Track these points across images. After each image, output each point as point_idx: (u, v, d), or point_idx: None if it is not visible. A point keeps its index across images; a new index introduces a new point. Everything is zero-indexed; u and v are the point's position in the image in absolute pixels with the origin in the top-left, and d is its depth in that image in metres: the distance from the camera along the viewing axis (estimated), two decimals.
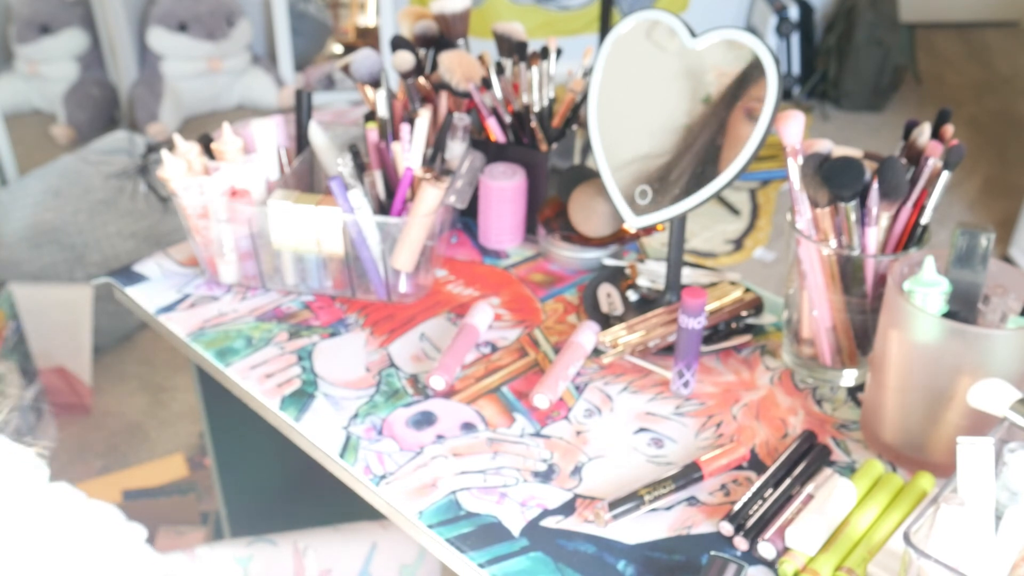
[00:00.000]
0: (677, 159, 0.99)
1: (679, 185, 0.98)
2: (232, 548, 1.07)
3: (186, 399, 2.09)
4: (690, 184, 0.97)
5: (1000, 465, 0.73)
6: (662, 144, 0.99)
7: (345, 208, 1.02)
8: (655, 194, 1.00)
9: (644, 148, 1.01)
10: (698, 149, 0.97)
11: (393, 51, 1.15)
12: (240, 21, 3.19)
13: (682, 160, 0.98)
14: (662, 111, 0.99)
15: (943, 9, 3.90)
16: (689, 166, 0.98)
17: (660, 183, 1.00)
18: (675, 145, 0.99)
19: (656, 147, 1.00)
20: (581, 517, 0.84)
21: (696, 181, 0.97)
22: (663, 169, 1.00)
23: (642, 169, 1.01)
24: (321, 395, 0.97)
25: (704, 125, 0.96)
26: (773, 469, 0.86)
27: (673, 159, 0.99)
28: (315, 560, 1.06)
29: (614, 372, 1.00)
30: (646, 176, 1.01)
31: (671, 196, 0.99)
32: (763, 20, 3.37)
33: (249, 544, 1.07)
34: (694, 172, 0.97)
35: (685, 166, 0.98)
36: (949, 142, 0.90)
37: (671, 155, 0.99)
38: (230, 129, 1.07)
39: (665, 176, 0.99)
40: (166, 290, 1.11)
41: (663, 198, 0.99)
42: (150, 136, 2.98)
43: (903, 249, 0.92)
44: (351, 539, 1.09)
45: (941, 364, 0.81)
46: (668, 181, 0.99)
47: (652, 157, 1.00)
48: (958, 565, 0.64)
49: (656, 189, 1.00)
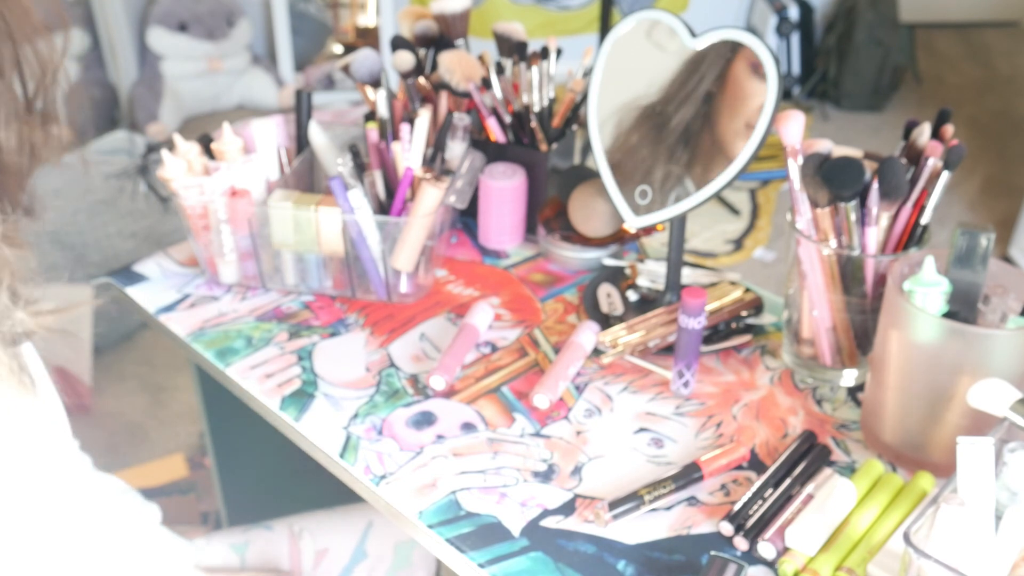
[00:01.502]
0: (678, 159, 0.99)
1: (679, 185, 0.98)
2: (229, 536, 1.07)
3: (186, 399, 2.09)
4: (690, 184, 0.97)
5: (1000, 465, 0.73)
6: (683, 157, 0.99)
7: (345, 208, 1.02)
8: (655, 194, 1.00)
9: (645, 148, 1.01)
10: (698, 149, 0.97)
11: (393, 51, 1.15)
12: (240, 21, 3.19)
13: (682, 160, 0.98)
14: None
15: (943, 9, 3.90)
16: (689, 166, 0.98)
17: (660, 183, 1.00)
18: (675, 145, 0.98)
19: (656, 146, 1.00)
20: (581, 517, 0.84)
21: (696, 181, 0.97)
22: (663, 169, 0.99)
23: (642, 169, 1.01)
24: (321, 395, 0.97)
25: (704, 125, 0.96)
26: (773, 469, 0.86)
27: (673, 159, 0.99)
28: (311, 542, 1.07)
29: (614, 372, 1.00)
30: (646, 176, 1.01)
31: (671, 196, 0.99)
32: (763, 20, 3.37)
33: (245, 531, 1.08)
34: (694, 172, 0.97)
35: (685, 166, 0.98)
36: (949, 142, 0.90)
37: (671, 155, 0.99)
38: (230, 129, 1.07)
39: (665, 176, 0.99)
40: (166, 290, 1.11)
41: (663, 198, 0.99)
42: (150, 136, 2.98)
43: (903, 249, 0.92)
44: (346, 519, 1.10)
45: (941, 364, 0.81)
46: (668, 181, 0.99)
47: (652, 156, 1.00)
48: (958, 565, 0.64)
49: (656, 189, 1.00)
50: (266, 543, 1.07)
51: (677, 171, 0.98)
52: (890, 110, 3.33)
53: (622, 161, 1.00)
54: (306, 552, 1.07)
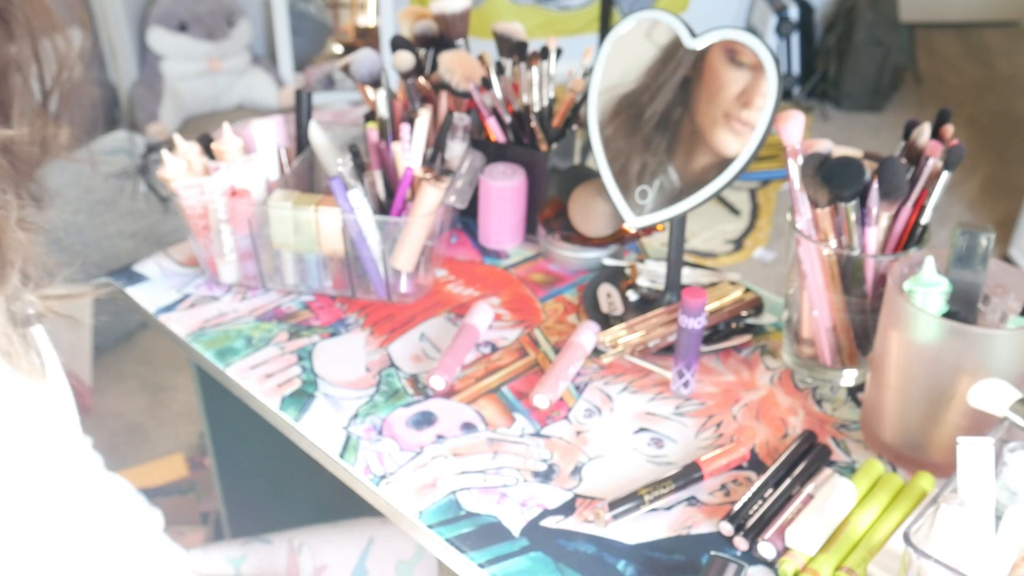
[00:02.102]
0: (655, 148, 0.99)
1: (679, 185, 0.98)
2: (227, 549, 1.06)
3: (186, 399, 2.09)
4: (690, 184, 0.97)
5: (1000, 465, 0.73)
6: (662, 144, 0.99)
7: (345, 208, 1.02)
8: (655, 194, 1.00)
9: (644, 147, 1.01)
10: (677, 137, 0.97)
11: (393, 51, 1.15)
12: (240, 21, 3.19)
13: (660, 148, 0.98)
14: (662, 111, 0.99)
15: (943, 9, 3.90)
16: (669, 154, 0.98)
17: (660, 183, 1.00)
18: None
19: (656, 147, 1.00)
20: (581, 517, 0.84)
21: (679, 171, 0.97)
22: (663, 169, 1.00)
23: (642, 169, 1.01)
24: (321, 395, 0.97)
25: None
26: (773, 469, 0.86)
27: (673, 159, 0.99)
28: (310, 557, 1.06)
29: (614, 372, 1.00)
30: (646, 176, 1.01)
31: (671, 196, 0.99)
32: (763, 20, 3.37)
33: (244, 544, 1.07)
34: (676, 161, 0.97)
35: (665, 154, 0.98)
36: (949, 142, 0.90)
37: (671, 155, 0.99)
38: (230, 129, 1.07)
39: (665, 176, 0.99)
40: (166, 290, 1.11)
41: (663, 198, 1.00)
42: (150, 136, 2.98)
43: (903, 249, 0.92)
44: (347, 535, 1.09)
45: (941, 364, 0.81)
46: (668, 181, 0.99)
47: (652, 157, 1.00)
48: (958, 565, 0.64)
49: (656, 189, 1.00)
50: (264, 557, 1.06)
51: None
52: (890, 110, 3.33)
53: (664, 181, 0.99)
54: (305, 568, 1.06)
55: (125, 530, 0.91)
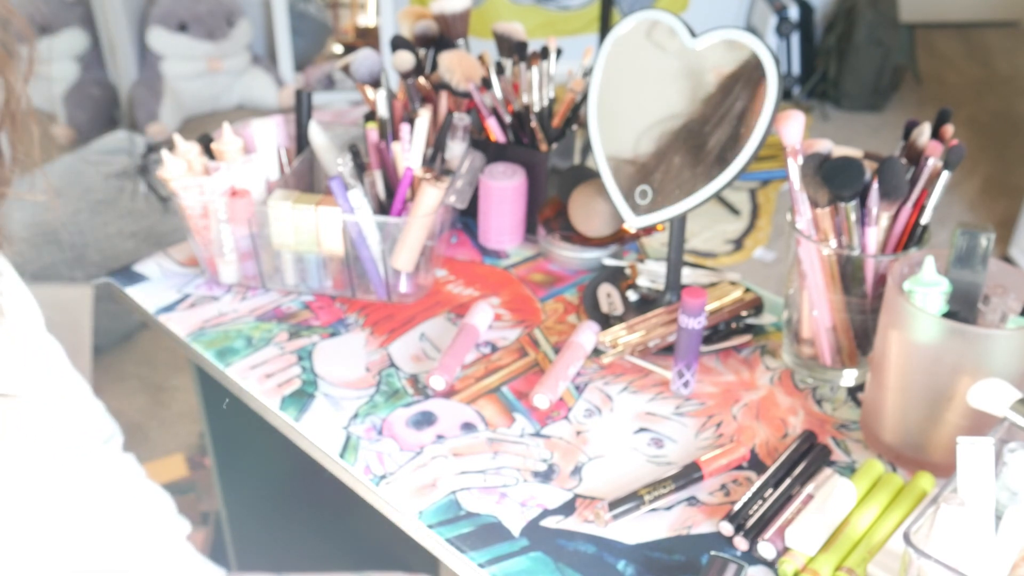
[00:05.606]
0: (677, 158, 0.98)
1: (679, 185, 0.98)
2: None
3: (186, 399, 2.09)
4: (690, 184, 0.97)
5: (1000, 465, 0.73)
6: (662, 143, 0.99)
7: (345, 208, 1.02)
8: (655, 194, 1.00)
9: (644, 148, 1.01)
10: (698, 149, 0.97)
11: (393, 51, 1.15)
12: (240, 21, 3.19)
13: (682, 159, 0.98)
14: (662, 111, 0.99)
15: (943, 9, 3.90)
16: (689, 166, 0.98)
17: (660, 183, 1.00)
18: (675, 145, 0.98)
19: (656, 146, 1.00)
20: (581, 517, 0.84)
21: (696, 181, 0.97)
22: (663, 169, 0.99)
23: (642, 169, 1.01)
24: (321, 395, 0.97)
25: (704, 125, 0.96)
26: (773, 469, 0.86)
27: (673, 159, 0.99)
28: None
29: (614, 372, 1.00)
30: (646, 176, 1.01)
31: (671, 196, 0.99)
32: (763, 20, 3.37)
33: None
34: (694, 172, 0.97)
35: (685, 165, 0.98)
36: (949, 142, 0.90)
37: (671, 155, 0.99)
38: (230, 129, 1.07)
39: (665, 176, 0.99)
40: (166, 290, 1.11)
41: (663, 198, 0.99)
42: (150, 136, 2.98)
43: (903, 249, 0.92)
44: None
45: (941, 364, 0.81)
46: (668, 181, 0.99)
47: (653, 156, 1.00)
48: (958, 565, 0.64)
49: (656, 189, 1.00)
50: None
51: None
52: (890, 110, 3.33)
53: (663, 181, 0.99)
54: None
55: (154, 533, 0.90)
